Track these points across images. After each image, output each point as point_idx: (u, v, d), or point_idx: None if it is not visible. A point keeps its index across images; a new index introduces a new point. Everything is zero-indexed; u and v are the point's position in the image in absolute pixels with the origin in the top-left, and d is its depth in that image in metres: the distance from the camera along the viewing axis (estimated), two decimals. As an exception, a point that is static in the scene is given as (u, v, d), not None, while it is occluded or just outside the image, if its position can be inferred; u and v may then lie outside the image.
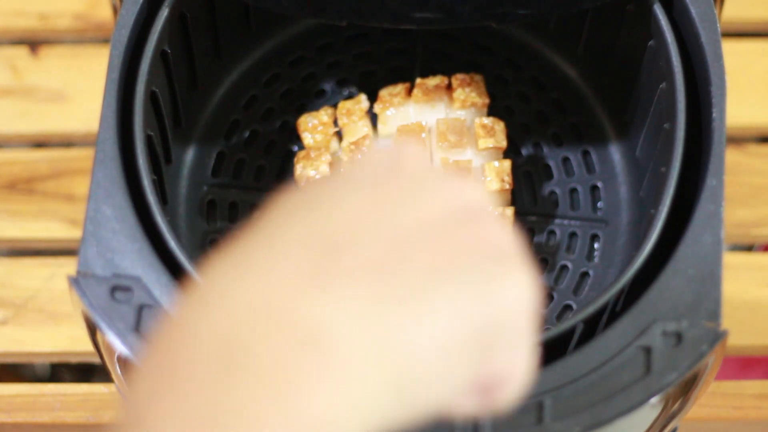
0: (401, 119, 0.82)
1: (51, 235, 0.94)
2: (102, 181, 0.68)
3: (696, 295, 0.65)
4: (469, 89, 0.82)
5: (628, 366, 0.64)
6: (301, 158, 0.81)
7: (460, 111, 0.82)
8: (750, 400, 0.86)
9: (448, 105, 0.83)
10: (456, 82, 0.83)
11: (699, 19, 0.73)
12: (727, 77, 0.71)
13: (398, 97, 0.83)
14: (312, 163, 0.81)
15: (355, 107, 0.83)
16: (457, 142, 0.81)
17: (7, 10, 1.02)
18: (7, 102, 0.98)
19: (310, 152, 0.81)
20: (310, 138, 0.82)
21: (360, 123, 0.82)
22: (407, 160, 0.49)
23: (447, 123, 0.81)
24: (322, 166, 0.80)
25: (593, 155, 0.85)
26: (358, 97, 0.84)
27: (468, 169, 0.80)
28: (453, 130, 0.81)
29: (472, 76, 0.83)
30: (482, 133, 0.81)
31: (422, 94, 0.83)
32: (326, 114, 0.83)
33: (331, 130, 0.83)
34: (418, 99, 0.83)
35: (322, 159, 0.81)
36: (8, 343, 0.90)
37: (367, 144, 0.80)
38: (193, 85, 0.82)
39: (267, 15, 0.83)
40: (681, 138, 0.71)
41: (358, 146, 0.80)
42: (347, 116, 0.83)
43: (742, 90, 0.97)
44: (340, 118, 0.83)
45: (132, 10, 0.73)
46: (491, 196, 0.49)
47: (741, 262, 0.92)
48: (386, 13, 0.76)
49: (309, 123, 0.83)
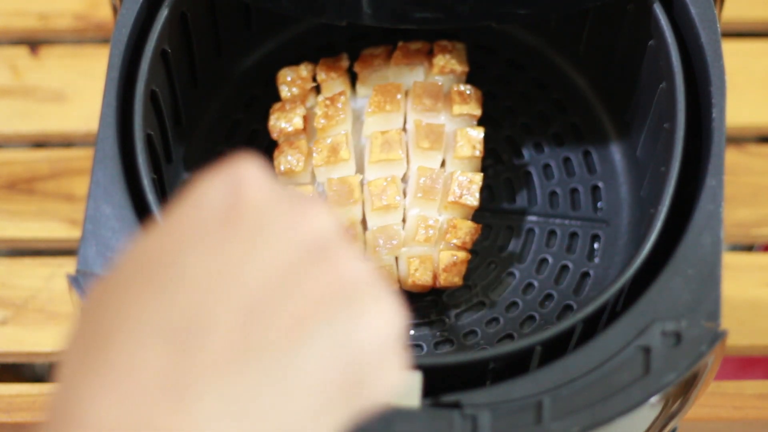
0: (379, 80, 0.82)
1: (51, 235, 0.94)
2: (102, 181, 0.68)
3: (695, 295, 0.65)
4: (450, 56, 0.82)
5: (628, 366, 0.64)
6: (276, 110, 0.81)
7: (439, 77, 0.82)
8: (750, 400, 0.86)
9: (427, 70, 0.83)
10: (437, 48, 0.83)
11: (699, 19, 0.73)
12: (727, 77, 0.71)
13: (379, 59, 0.83)
14: (286, 115, 0.81)
15: (335, 64, 0.83)
16: (432, 105, 0.81)
17: (7, 10, 1.02)
18: (7, 102, 0.98)
19: (285, 105, 0.81)
20: (287, 90, 0.82)
21: (339, 80, 0.82)
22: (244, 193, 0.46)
23: (424, 86, 0.81)
24: (295, 119, 0.80)
25: (594, 155, 0.85)
26: (341, 55, 0.83)
27: (440, 133, 0.80)
28: (429, 93, 0.81)
29: (454, 43, 0.83)
30: (458, 100, 0.81)
31: (402, 57, 0.83)
32: (306, 69, 0.83)
33: (308, 84, 0.82)
34: (399, 61, 0.82)
35: (297, 111, 0.80)
36: (8, 343, 0.90)
37: (342, 100, 0.80)
38: (193, 85, 0.82)
39: (268, 15, 0.83)
40: (681, 138, 0.71)
41: (333, 102, 0.80)
42: (326, 72, 0.82)
43: (742, 90, 0.97)
44: (319, 74, 0.83)
45: (132, 10, 0.73)
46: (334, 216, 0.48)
47: (741, 262, 0.92)
48: (386, 13, 0.76)
49: (288, 76, 0.83)
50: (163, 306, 0.44)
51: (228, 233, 0.45)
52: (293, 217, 0.47)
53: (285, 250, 0.46)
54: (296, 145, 0.80)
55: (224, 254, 0.45)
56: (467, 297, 0.80)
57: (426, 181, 0.78)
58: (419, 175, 0.79)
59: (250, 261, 0.45)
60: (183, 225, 0.46)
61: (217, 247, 0.45)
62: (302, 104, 0.81)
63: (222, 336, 0.43)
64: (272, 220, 0.46)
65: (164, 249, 0.46)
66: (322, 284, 0.45)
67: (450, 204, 0.78)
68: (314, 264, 0.46)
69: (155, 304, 0.44)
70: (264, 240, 0.46)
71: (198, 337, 0.43)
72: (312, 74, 0.83)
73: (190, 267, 0.45)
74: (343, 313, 0.46)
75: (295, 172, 0.79)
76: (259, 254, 0.45)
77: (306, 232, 0.46)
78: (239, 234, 0.46)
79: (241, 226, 0.46)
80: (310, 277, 0.45)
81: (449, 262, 0.78)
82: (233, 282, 0.44)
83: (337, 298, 0.46)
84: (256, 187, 0.47)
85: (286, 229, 0.46)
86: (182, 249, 0.45)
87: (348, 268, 0.46)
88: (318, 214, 0.47)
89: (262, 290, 0.45)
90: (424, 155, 0.79)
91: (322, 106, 0.80)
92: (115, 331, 0.44)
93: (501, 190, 0.84)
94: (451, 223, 0.78)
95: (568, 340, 0.67)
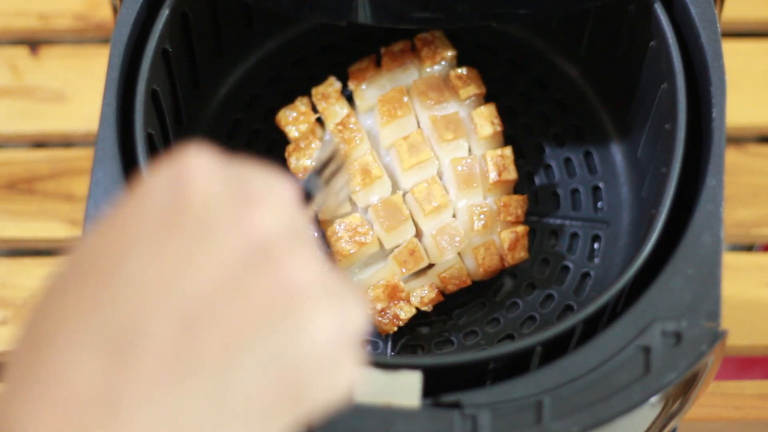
0: (377, 90, 0.82)
1: (51, 235, 0.94)
2: (101, 180, 0.68)
3: (695, 295, 0.65)
4: (434, 45, 0.82)
5: (628, 366, 0.64)
6: (292, 151, 0.81)
7: (432, 68, 0.82)
8: (750, 400, 0.86)
9: (418, 66, 0.83)
10: (419, 42, 0.83)
11: (699, 19, 0.73)
12: (727, 77, 0.71)
13: (369, 70, 0.83)
14: (304, 153, 0.81)
15: (328, 90, 0.83)
16: (439, 97, 0.81)
17: (7, 10, 1.02)
18: (7, 102, 0.98)
19: (299, 143, 0.81)
20: (294, 130, 0.82)
21: (338, 104, 0.82)
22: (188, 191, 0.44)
23: (424, 82, 0.81)
24: (315, 152, 0.80)
25: (595, 156, 0.84)
26: (329, 80, 0.83)
27: (457, 121, 0.80)
28: (432, 87, 0.81)
29: (432, 33, 0.83)
30: (460, 84, 0.81)
31: (391, 61, 0.83)
32: (302, 104, 0.83)
33: (312, 117, 0.82)
34: (390, 66, 0.83)
35: (312, 146, 0.80)
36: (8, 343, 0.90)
37: (352, 121, 0.80)
38: (194, 84, 0.82)
39: (269, 14, 0.83)
40: (681, 139, 0.71)
41: (345, 125, 0.80)
42: (324, 101, 0.82)
43: (742, 90, 0.97)
44: (317, 104, 0.83)
45: (132, 9, 0.73)
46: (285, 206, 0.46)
47: (741, 262, 0.92)
48: (386, 13, 0.76)
49: (289, 116, 0.83)
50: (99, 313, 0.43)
51: (169, 236, 0.44)
52: (239, 216, 0.45)
53: (227, 255, 0.44)
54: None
55: (164, 259, 0.43)
56: (467, 297, 0.80)
57: (463, 171, 0.78)
58: (454, 166, 0.79)
59: (191, 267, 0.43)
60: (125, 226, 0.44)
61: (156, 251, 0.43)
62: (314, 137, 0.81)
63: (157, 347, 0.42)
64: (216, 221, 0.44)
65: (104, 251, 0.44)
66: (262, 291, 0.44)
67: (493, 185, 0.79)
68: (256, 269, 0.44)
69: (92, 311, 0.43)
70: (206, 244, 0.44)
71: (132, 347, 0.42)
72: (310, 106, 0.83)
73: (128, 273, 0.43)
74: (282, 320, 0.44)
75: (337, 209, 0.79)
76: (200, 260, 0.43)
77: (250, 234, 0.44)
78: (180, 237, 0.44)
79: (182, 228, 0.44)
80: (251, 284, 0.44)
81: (511, 240, 0.78)
82: (171, 290, 0.43)
83: (277, 306, 0.44)
84: (201, 182, 0.45)
85: (230, 231, 0.44)
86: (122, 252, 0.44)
87: (291, 271, 0.45)
88: (267, 212, 0.45)
89: (201, 299, 0.43)
90: (450, 147, 0.79)
91: (336, 132, 0.80)
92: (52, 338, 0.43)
93: (501, 190, 0.84)
94: (500, 203, 0.79)
95: (569, 341, 0.67)
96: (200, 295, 0.43)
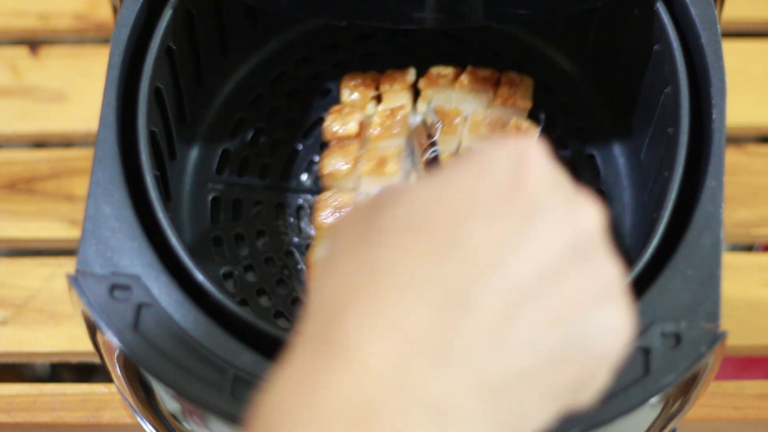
0: (443, 100, 0.82)
1: (51, 235, 0.94)
2: (101, 180, 0.68)
3: (695, 297, 0.65)
4: (516, 89, 0.82)
5: (627, 366, 0.64)
6: (333, 111, 0.81)
7: (501, 108, 0.82)
8: (750, 400, 0.86)
9: (491, 99, 0.83)
10: (505, 78, 0.83)
11: (699, 20, 0.73)
12: (727, 77, 0.71)
13: (445, 79, 0.83)
14: (343, 118, 0.80)
15: (400, 77, 0.83)
16: (488, 136, 0.81)
17: (7, 10, 1.02)
18: (7, 102, 0.98)
19: (344, 108, 0.81)
20: (348, 94, 0.82)
21: (401, 93, 0.82)
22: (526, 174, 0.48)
23: (484, 116, 0.81)
24: (351, 123, 0.80)
25: (598, 159, 0.84)
26: (408, 69, 0.83)
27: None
28: (488, 124, 0.81)
29: (522, 77, 0.83)
30: (515, 134, 0.81)
31: (468, 82, 0.83)
32: (371, 77, 0.83)
33: (371, 92, 0.82)
34: (464, 86, 0.82)
35: (354, 117, 0.80)
36: (8, 343, 0.90)
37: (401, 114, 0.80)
38: (198, 82, 0.82)
39: (273, 13, 0.83)
40: (684, 143, 0.71)
41: (392, 114, 0.80)
42: (390, 83, 0.82)
43: (742, 90, 0.97)
44: (383, 84, 0.83)
45: (132, 9, 0.73)
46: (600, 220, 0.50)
47: (741, 262, 0.92)
48: (387, 14, 0.76)
49: (352, 81, 0.83)
50: (439, 269, 0.46)
51: (506, 211, 0.47)
52: (568, 210, 0.48)
53: (555, 242, 0.47)
54: (347, 149, 0.80)
55: (500, 231, 0.47)
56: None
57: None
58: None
59: (523, 245, 0.47)
60: (464, 191, 0.48)
61: (495, 222, 0.47)
62: (361, 110, 0.81)
63: (486, 315, 0.46)
64: (549, 208, 0.48)
65: (443, 210, 0.47)
66: (580, 285, 0.48)
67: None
68: (578, 263, 0.48)
69: (431, 265, 0.46)
70: (539, 227, 0.47)
71: (465, 309, 0.46)
72: (376, 83, 0.83)
73: (468, 236, 0.47)
74: (589, 315, 0.48)
75: (340, 176, 0.79)
76: (532, 240, 0.47)
77: (576, 229, 0.48)
78: (516, 215, 0.47)
79: (520, 206, 0.47)
80: (571, 275, 0.47)
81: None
82: (504, 263, 0.46)
83: (590, 301, 0.48)
84: (539, 170, 0.48)
85: (560, 221, 0.48)
86: (462, 215, 0.47)
87: (605, 272, 0.48)
88: (589, 212, 0.49)
89: (529, 277, 0.47)
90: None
91: (381, 116, 0.80)
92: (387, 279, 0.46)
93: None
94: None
95: (568, 341, 0.67)
96: (530, 273, 0.47)
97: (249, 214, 0.82)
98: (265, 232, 0.82)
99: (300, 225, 0.83)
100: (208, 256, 0.80)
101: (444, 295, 0.46)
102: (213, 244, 0.81)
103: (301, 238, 0.82)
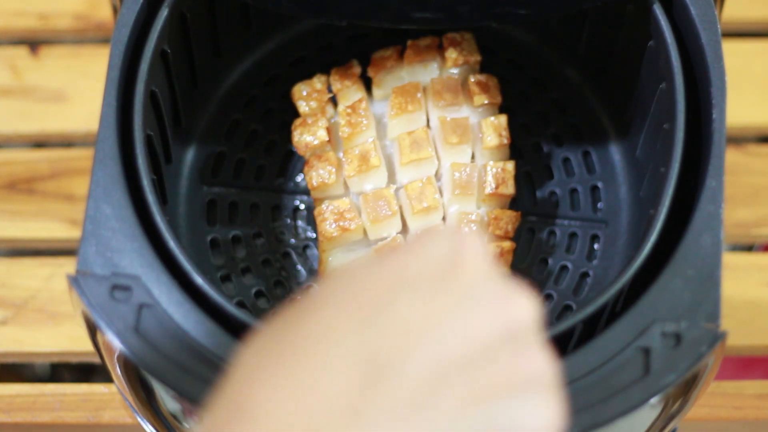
0: (395, 81, 0.82)
1: (51, 235, 0.94)
2: (101, 180, 0.68)
3: (695, 296, 0.65)
4: (461, 47, 0.82)
5: (627, 367, 0.64)
6: (298, 125, 0.81)
7: (453, 69, 0.82)
8: (750, 400, 0.86)
9: (440, 64, 0.83)
10: (447, 41, 0.83)
11: (699, 19, 0.73)
12: (727, 77, 0.71)
13: (391, 60, 0.83)
14: (309, 129, 0.81)
15: (347, 71, 0.83)
16: (453, 100, 0.81)
17: (7, 10, 1.02)
18: (7, 102, 0.98)
19: (307, 119, 0.81)
20: (305, 105, 0.82)
21: (353, 87, 0.82)
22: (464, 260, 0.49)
23: (441, 82, 0.81)
24: (319, 132, 0.80)
25: (593, 155, 0.85)
26: (351, 62, 0.83)
27: (465, 126, 0.80)
28: (448, 88, 0.81)
29: (462, 34, 0.83)
30: (477, 90, 0.81)
31: (415, 55, 0.83)
32: (319, 81, 0.83)
33: (325, 96, 0.82)
34: (411, 60, 0.83)
35: (319, 124, 0.80)
36: (8, 343, 0.90)
37: (362, 107, 0.80)
38: (193, 85, 0.82)
39: (267, 15, 0.83)
40: (680, 139, 0.71)
41: (354, 110, 0.80)
42: (340, 81, 0.82)
43: (742, 90, 0.97)
44: (333, 84, 0.83)
45: (132, 9, 0.73)
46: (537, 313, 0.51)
47: (741, 262, 0.92)
48: (386, 13, 0.76)
49: (303, 91, 0.83)
50: (366, 336, 0.47)
51: (441, 291, 0.48)
52: (504, 297, 0.50)
53: (488, 328, 0.48)
54: (325, 157, 0.80)
55: (432, 309, 0.48)
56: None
57: (461, 177, 0.78)
58: (453, 171, 0.79)
59: (456, 322, 0.48)
60: (402, 269, 0.49)
61: (427, 300, 0.48)
62: (323, 116, 0.81)
63: (410, 384, 0.46)
64: (486, 293, 0.49)
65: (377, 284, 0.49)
66: (510, 371, 0.48)
67: (488, 196, 0.79)
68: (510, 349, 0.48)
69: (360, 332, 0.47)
70: (473, 311, 0.48)
71: (389, 376, 0.46)
72: (326, 85, 0.83)
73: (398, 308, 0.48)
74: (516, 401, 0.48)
75: (328, 185, 0.79)
76: (465, 319, 0.48)
77: (508, 317, 0.49)
78: (451, 296, 0.48)
79: (455, 287, 0.49)
80: (502, 359, 0.48)
81: (496, 253, 0.78)
82: (435, 336, 0.47)
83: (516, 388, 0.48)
84: (476, 258, 0.50)
85: (493, 307, 0.49)
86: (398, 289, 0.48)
87: (536, 363, 0.49)
88: (522, 305, 0.50)
89: (457, 355, 0.47)
90: (454, 150, 0.79)
91: (344, 115, 0.80)
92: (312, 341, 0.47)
93: (501, 191, 0.84)
94: (492, 215, 0.79)
95: (568, 341, 0.67)
96: (458, 351, 0.47)
97: (245, 217, 0.82)
98: (262, 234, 0.82)
99: (297, 226, 0.83)
100: (205, 259, 0.80)
101: (367, 363, 0.46)
102: (210, 247, 0.81)
103: (298, 240, 0.82)
